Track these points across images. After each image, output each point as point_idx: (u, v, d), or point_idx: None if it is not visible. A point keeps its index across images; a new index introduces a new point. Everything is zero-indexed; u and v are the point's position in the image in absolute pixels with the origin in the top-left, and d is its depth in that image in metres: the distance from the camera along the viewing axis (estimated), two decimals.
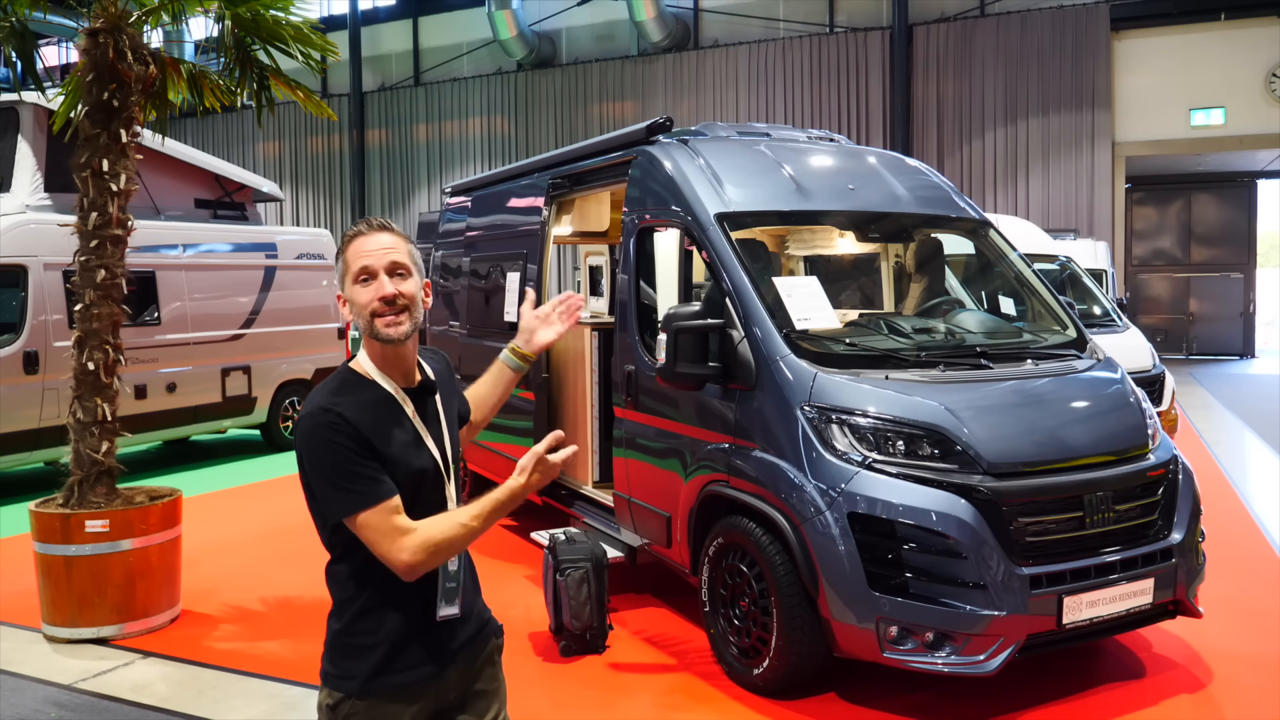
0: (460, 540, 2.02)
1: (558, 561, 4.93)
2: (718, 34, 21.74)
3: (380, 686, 2.07)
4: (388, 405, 2.09)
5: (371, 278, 2.05)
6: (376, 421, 2.03)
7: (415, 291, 2.09)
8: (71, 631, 5.11)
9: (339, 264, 2.13)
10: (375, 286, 2.04)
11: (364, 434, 1.99)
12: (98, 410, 5.25)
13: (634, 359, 5.31)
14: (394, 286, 2.05)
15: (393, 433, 2.05)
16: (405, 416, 2.10)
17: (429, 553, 1.98)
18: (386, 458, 2.02)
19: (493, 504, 2.03)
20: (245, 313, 10.66)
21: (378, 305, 2.04)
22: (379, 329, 2.05)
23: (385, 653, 2.07)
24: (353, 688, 2.07)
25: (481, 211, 7.74)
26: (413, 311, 2.08)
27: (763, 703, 4.27)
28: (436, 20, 25.13)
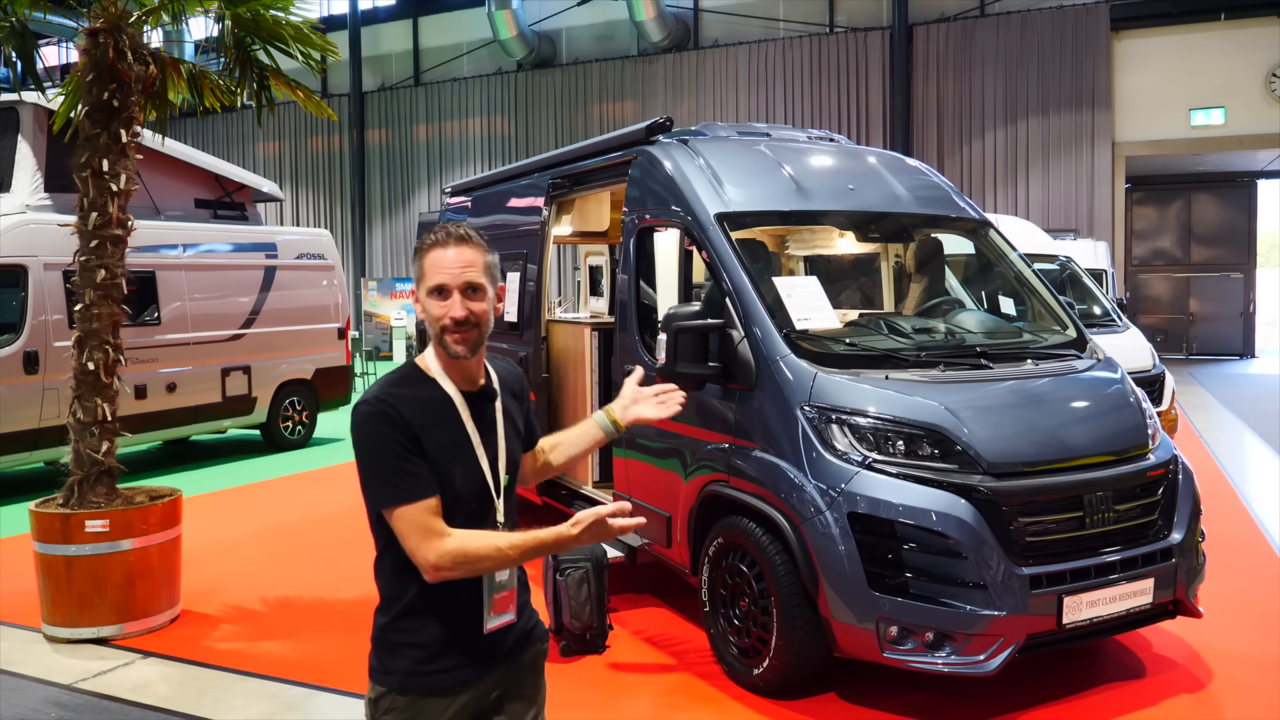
0: (491, 563, 2.02)
1: (558, 561, 4.93)
2: (718, 34, 21.75)
3: (420, 685, 2.09)
4: (442, 405, 2.10)
5: (446, 295, 2.06)
6: (427, 419, 2.06)
7: (487, 309, 2.10)
8: (71, 631, 5.11)
9: (416, 268, 2.13)
10: (448, 305, 2.05)
11: (413, 429, 2.02)
12: (98, 410, 5.25)
13: (634, 359, 5.30)
14: (465, 308, 2.06)
15: (442, 433, 2.07)
16: (459, 419, 2.11)
17: (456, 563, 1.99)
18: (432, 457, 2.04)
19: (535, 543, 2.03)
20: (245, 313, 10.66)
21: (448, 323, 2.06)
22: (448, 344, 2.07)
23: (427, 653, 2.10)
24: (393, 684, 2.10)
25: (481, 211, 7.74)
26: (482, 329, 2.10)
27: (763, 703, 4.26)
28: (436, 20, 25.14)
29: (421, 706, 2.10)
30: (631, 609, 5.52)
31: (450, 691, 2.11)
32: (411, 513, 1.99)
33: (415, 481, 2.01)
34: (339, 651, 4.92)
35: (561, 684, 4.59)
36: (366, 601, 2.32)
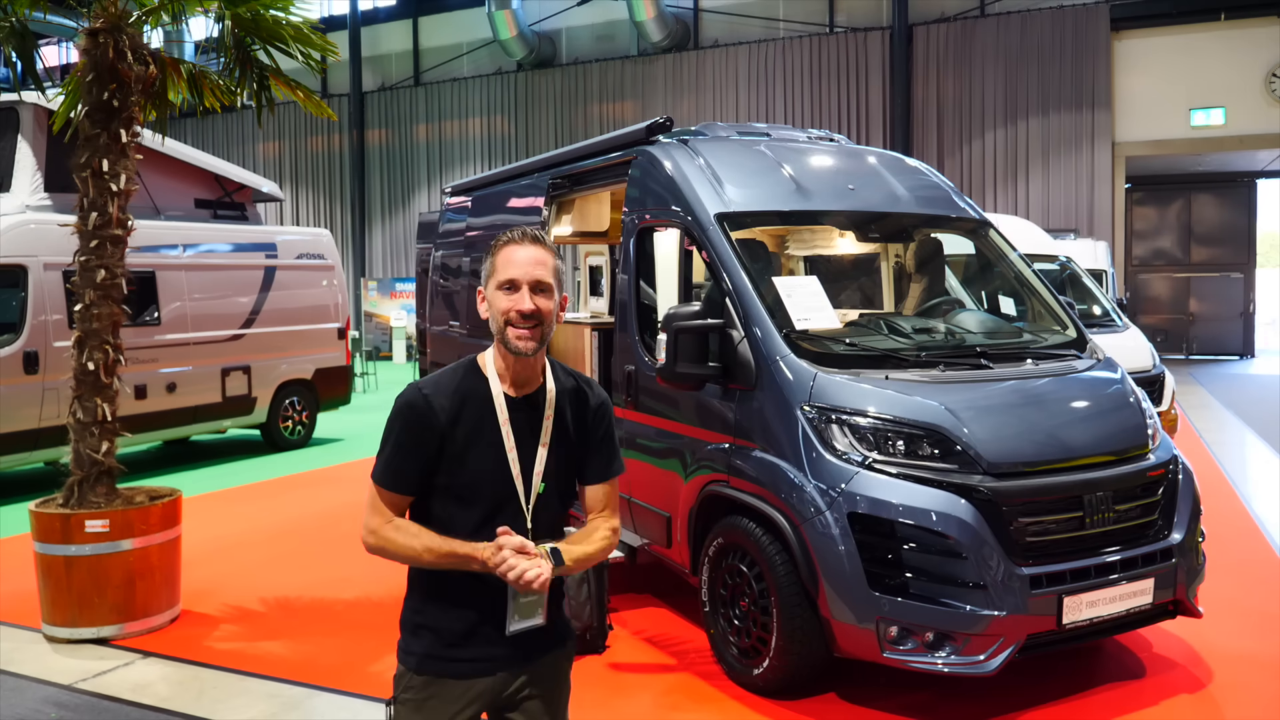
0: (406, 559, 2.13)
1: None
2: (718, 34, 21.75)
3: (436, 668, 2.17)
4: (481, 402, 2.16)
5: (515, 289, 2.11)
6: (461, 413, 2.13)
7: (552, 309, 2.15)
8: (71, 631, 5.11)
9: (487, 264, 2.19)
10: (516, 298, 2.11)
11: (442, 423, 2.10)
12: (98, 410, 5.25)
13: (634, 359, 5.31)
14: (533, 303, 2.11)
15: (475, 428, 2.13)
16: (494, 419, 2.14)
17: (378, 545, 2.13)
18: (457, 449, 2.11)
19: (449, 552, 2.08)
20: (245, 313, 10.66)
21: (514, 316, 2.11)
22: (509, 338, 2.12)
23: (443, 639, 2.17)
24: (411, 664, 2.19)
25: (481, 211, 7.74)
26: (545, 328, 2.14)
27: (763, 703, 4.26)
28: (436, 20, 25.14)
29: (437, 689, 2.16)
30: (631, 609, 5.52)
31: (466, 678, 2.16)
32: (380, 492, 2.15)
33: (399, 476, 2.13)
34: (339, 651, 4.92)
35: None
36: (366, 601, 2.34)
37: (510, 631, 2.14)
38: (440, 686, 2.17)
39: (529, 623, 2.17)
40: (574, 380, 2.30)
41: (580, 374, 2.36)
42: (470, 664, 2.16)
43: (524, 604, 2.14)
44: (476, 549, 2.05)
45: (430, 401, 2.11)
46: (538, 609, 2.17)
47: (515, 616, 2.14)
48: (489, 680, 2.18)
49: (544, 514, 2.21)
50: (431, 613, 2.18)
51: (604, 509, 2.30)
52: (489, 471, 2.13)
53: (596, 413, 2.30)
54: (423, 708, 2.17)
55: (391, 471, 2.13)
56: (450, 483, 2.14)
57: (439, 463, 2.13)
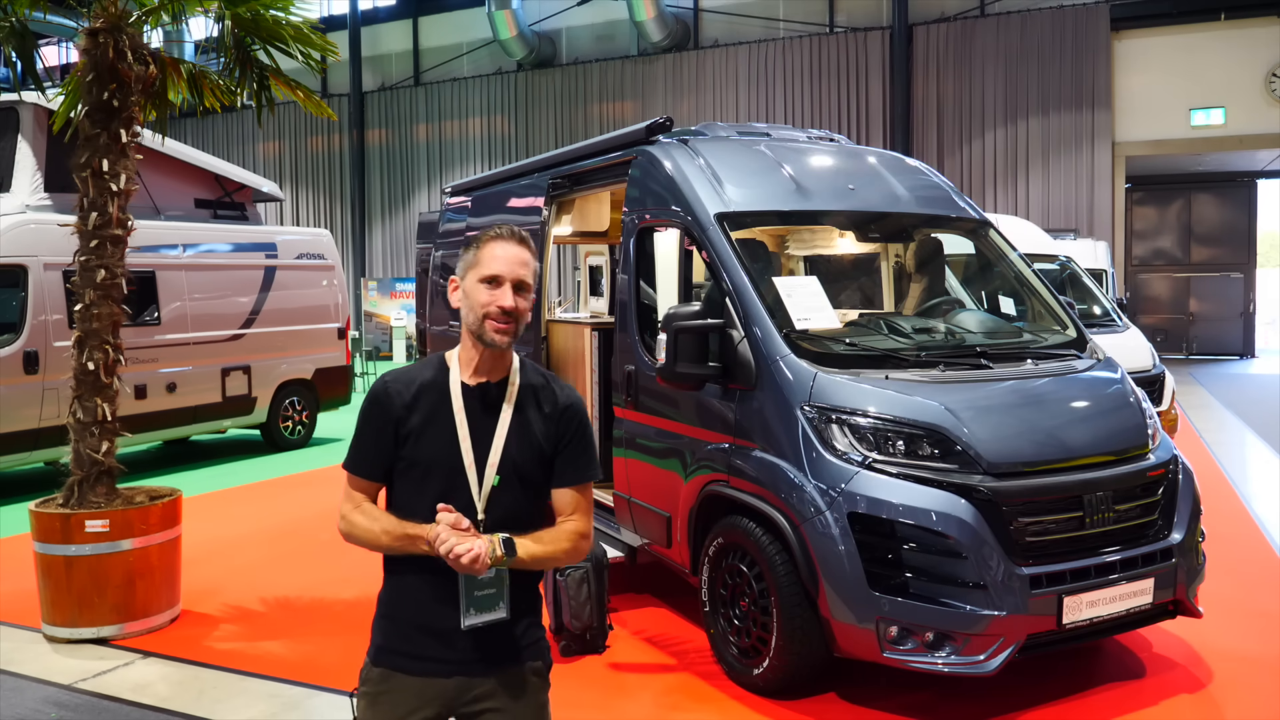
0: (370, 543, 2.17)
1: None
2: (718, 34, 21.75)
3: (389, 660, 2.19)
4: (436, 390, 2.20)
5: (497, 285, 2.16)
6: (416, 401, 2.19)
7: (528, 307, 2.21)
8: (71, 631, 5.11)
9: (468, 255, 2.22)
10: (499, 294, 2.15)
11: (397, 407, 2.16)
12: (98, 410, 5.25)
13: (634, 359, 5.31)
14: (514, 300, 2.16)
15: (425, 414, 2.18)
16: (448, 406, 2.18)
17: (348, 531, 2.20)
18: (411, 432, 2.16)
19: (404, 535, 2.11)
20: (245, 313, 10.66)
21: (495, 311, 2.14)
22: (487, 331, 2.15)
23: (398, 631, 2.19)
24: (370, 654, 2.23)
25: (481, 211, 7.74)
26: (519, 325, 2.19)
27: (763, 703, 4.26)
28: (436, 20, 25.14)
29: (391, 683, 2.17)
30: (631, 609, 5.52)
31: (419, 676, 2.15)
32: (351, 480, 2.23)
33: (364, 464, 2.21)
34: (339, 651, 4.92)
35: (561, 684, 4.57)
36: (366, 601, 2.34)
37: (466, 625, 2.11)
38: (395, 681, 2.16)
39: (486, 617, 2.12)
40: (544, 379, 2.30)
41: (555, 377, 2.34)
42: (424, 661, 2.15)
43: (478, 596, 2.10)
44: (423, 528, 2.08)
45: (388, 388, 2.20)
46: (496, 603, 2.13)
47: (470, 610, 2.11)
48: (446, 682, 2.15)
49: (500, 508, 2.17)
50: (394, 603, 2.21)
51: (573, 513, 2.26)
52: (441, 457, 2.15)
53: (565, 413, 2.26)
54: (377, 701, 2.17)
55: (356, 458, 2.22)
56: (408, 467, 2.18)
57: (400, 448, 2.17)
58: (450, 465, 2.15)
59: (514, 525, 2.16)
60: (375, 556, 2.25)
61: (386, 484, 2.23)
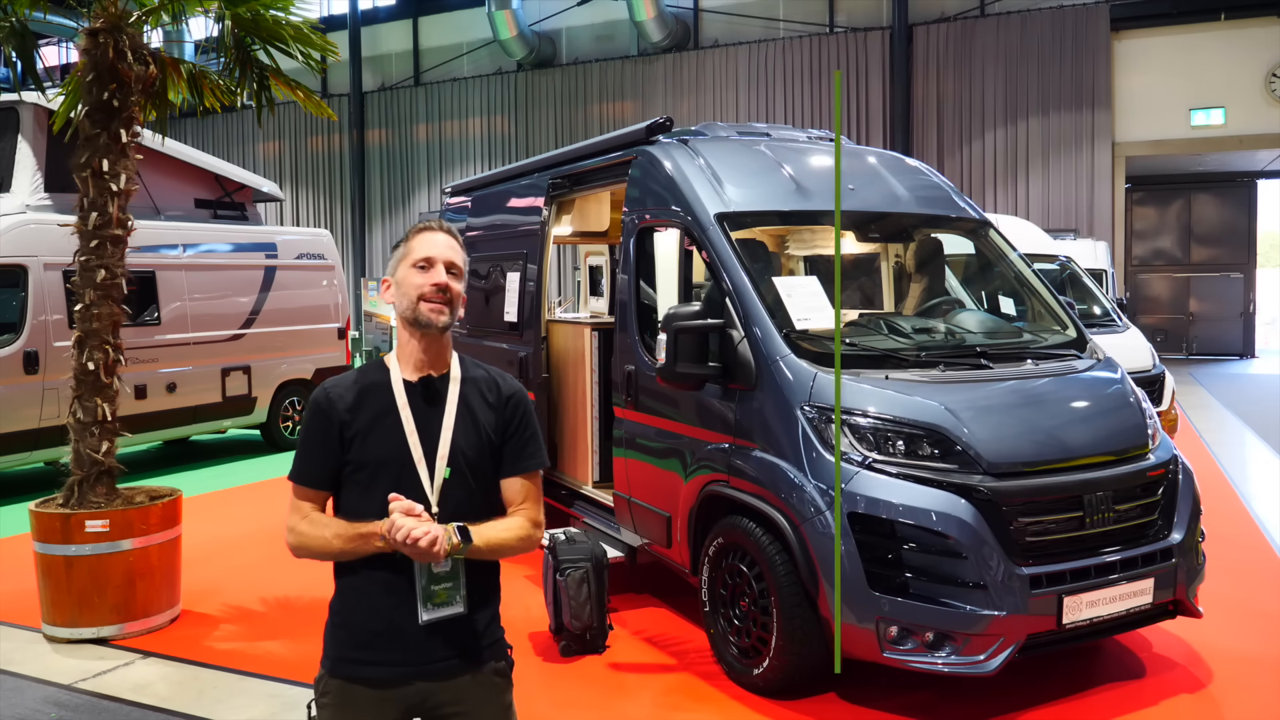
0: (322, 551, 2.14)
1: (558, 561, 4.93)
2: (718, 34, 21.74)
3: (347, 671, 2.15)
4: (379, 389, 2.19)
5: (430, 266, 2.18)
6: (359, 401, 2.18)
7: (460, 291, 2.22)
8: (71, 631, 5.11)
9: (399, 250, 2.24)
10: (432, 274, 2.18)
11: (340, 412, 2.16)
12: (98, 410, 5.25)
13: (634, 359, 5.31)
14: (448, 279, 2.19)
15: (370, 414, 2.17)
16: (392, 403, 2.18)
17: (297, 542, 2.17)
18: (357, 434, 2.15)
19: (355, 535, 2.10)
20: (245, 313, 10.66)
21: (429, 290, 2.16)
22: (422, 310, 2.16)
23: (355, 639, 2.16)
24: (326, 666, 2.19)
25: (481, 211, 7.74)
26: (454, 308, 2.20)
27: (763, 703, 4.27)
28: (436, 20, 25.13)
29: (350, 694, 2.14)
30: (631, 609, 5.52)
31: (379, 684, 2.12)
32: (297, 490, 2.20)
33: (311, 472, 2.19)
34: None
35: (561, 684, 4.59)
36: None
37: (424, 620, 2.10)
38: (354, 693, 2.13)
39: (443, 611, 2.11)
40: (485, 371, 2.31)
41: (495, 369, 2.35)
42: (383, 667, 2.12)
43: (434, 590, 2.10)
44: (376, 524, 2.07)
45: (329, 394, 2.20)
46: (453, 596, 2.12)
47: (427, 604, 2.10)
48: (406, 689, 2.13)
49: (452, 501, 2.17)
50: (347, 610, 2.18)
51: (523, 502, 2.27)
52: (390, 455, 2.15)
53: (510, 402, 2.27)
54: (338, 713, 2.15)
55: (302, 467, 2.20)
56: (356, 470, 2.16)
57: (346, 452, 2.16)
58: (399, 461, 2.15)
59: (467, 517, 2.16)
60: None
61: (334, 492, 2.21)
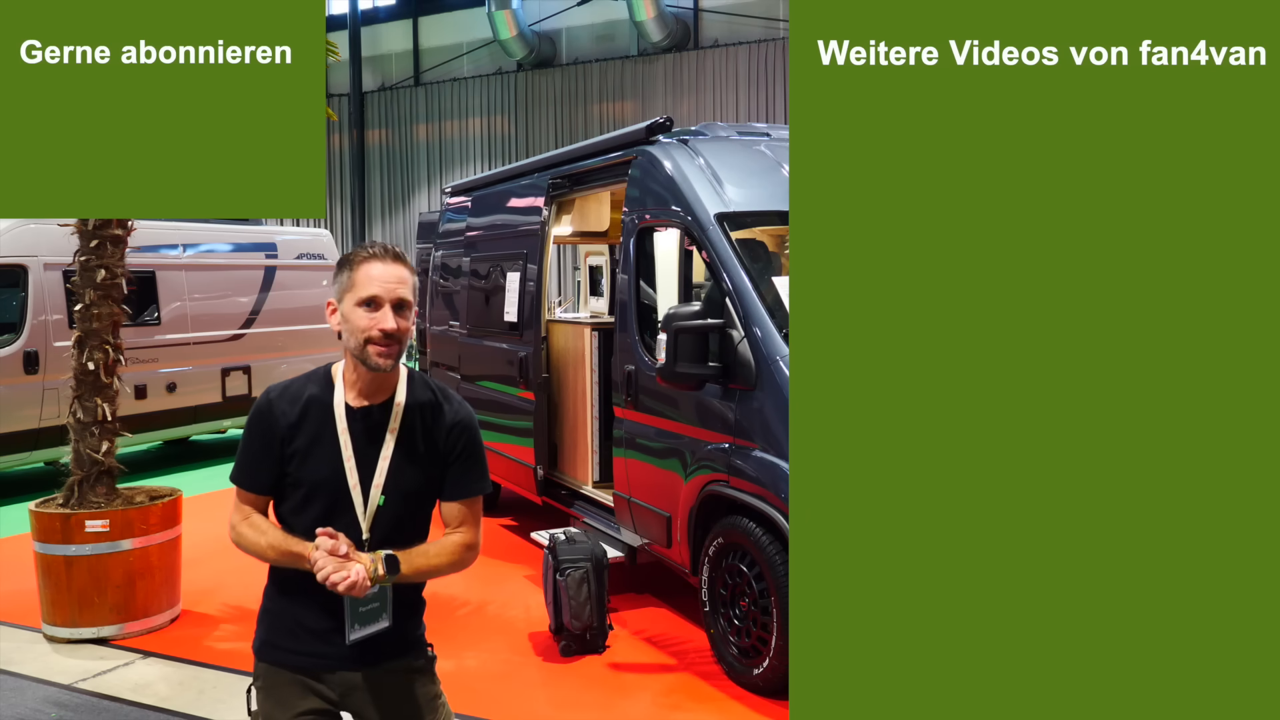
0: (258, 554, 2.17)
1: (558, 561, 4.93)
2: (718, 34, 21.74)
3: (271, 655, 2.22)
4: (321, 410, 2.17)
5: (377, 307, 2.09)
6: (302, 419, 2.17)
7: (409, 326, 2.15)
8: (71, 631, 5.11)
9: (342, 277, 2.15)
10: (378, 317, 2.09)
11: (281, 427, 2.15)
12: (98, 410, 5.25)
13: (634, 359, 5.31)
14: (395, 322, 2.09)
15: (314, 436, 2.16)
16: (333, 428, 2.16)
17: (237, 543, 2.21)
18: (296, 452, 2.15)
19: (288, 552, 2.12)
20: (245, 313, 10.66)
21: (376, 335, 2.08)
22: (370, 356, 2.10)
23: (280, 625, 2.22)
24: (255, 647, 2.26)
25: (481, 211, 7.74)
26: (402, 345, 2.14)
27: (763, 703, 4.27)
28: (436, 20, 25.13)
29: (275, 678, 2.21)
30: (631, 609, 5.52)
31: (301, 671, 2.18)
32: (239, 493, 2.24)
33: (247, 475, 2.22)
34: None
35: (561, 684, 4.58)
36: None
37: (351, 639, 2.13)
38: (281, 676, 2.20)
39: (369, 629, 2.15)
40: (432, 394, 2.26)
41: (445, 388, 2.31)
42: (304, 657, 2.19)
43: (361, 612, 2.14)
44: (306, 547, 2.08)
45: (273, 406, 2.17)
46: (379, 615, 2.16)
47: (354, 625, 2.13)
48: (330, 676, 2.19)
49: (385, 526, 2.17)
50: (277, 601, 2.24)
51: (460, 525, 2.26)
52: (326, 479, 2.14)
53: (452, 430, 2.24)
54: (268, 695, 2.21)
55: (241, 471, 2.23)
56: (293, 487, 2.18)
57: (286, 465, 2.17)
58: (335, 488, 2.15)
59: (399, 540, 2.17)
60: None
61: (274, 497, 2.23)
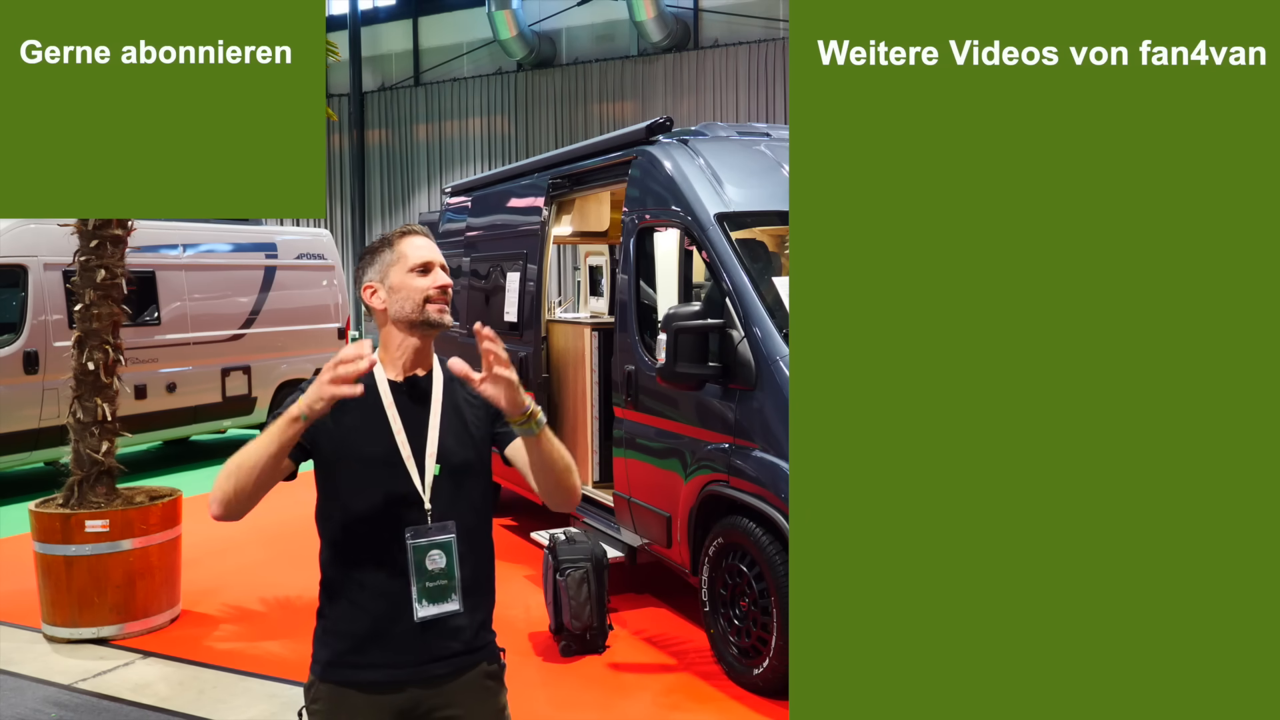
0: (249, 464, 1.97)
1: (558, 561, 4.93)
2: (718, 34, 21.74)
3: (338, 675, 2.13)
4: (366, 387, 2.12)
5: (429, 270, 2.20)
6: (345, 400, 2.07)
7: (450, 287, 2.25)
8: (71, 631, 5.11)
9: (383, 256, 2.23)
10: (434, 276, 2.19)
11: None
12: (98, 410, 5.25)
13: (634, 359, 5.31)
14: (446, 279, 2.22)
15: (360, 416, 2.13)
16: (378, 403, 2.17)
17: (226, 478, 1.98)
18: (345, 432, 2.12)
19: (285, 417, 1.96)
20: (245, 313, 10.66)
21: (434, 292, 2.17)
22: (430, 313, 2.17)
23: (349, 643, 2.12)
24: (316, 671, 2.16)
25: (481, 211, 7.75)
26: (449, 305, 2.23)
27: (763, 703, 4.27)
28: (436, 20, 25.13)
29: (342, 697, 2.12)
30: (631, 609, 5.53)
31: (370, 688, 2.10)
32: None
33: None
34: None
35: (561, 684, 4.59)
36: None
37: (420, 617, 2.08)
38: (345, 697, 2.12)
39: (440, 608, 2.10)
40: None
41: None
42: (376, 670, 2.10)
43: (429, 588, 2.09)
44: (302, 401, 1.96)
45: None
46: (448, 594, 2.11)
47: (423, 600, 2.09)
48: (396, 695, 2.11)
49: (444, 498, 2.14)
50: (336, 615, 2.15)
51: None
52: (379, 454, 2.13)
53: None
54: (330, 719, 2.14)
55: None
56: (348, 467, 2.13)
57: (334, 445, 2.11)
58: (388, 460, 2.14)
59: (462, 511, 2.16)
60: None
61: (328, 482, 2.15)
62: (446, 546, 2.12)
